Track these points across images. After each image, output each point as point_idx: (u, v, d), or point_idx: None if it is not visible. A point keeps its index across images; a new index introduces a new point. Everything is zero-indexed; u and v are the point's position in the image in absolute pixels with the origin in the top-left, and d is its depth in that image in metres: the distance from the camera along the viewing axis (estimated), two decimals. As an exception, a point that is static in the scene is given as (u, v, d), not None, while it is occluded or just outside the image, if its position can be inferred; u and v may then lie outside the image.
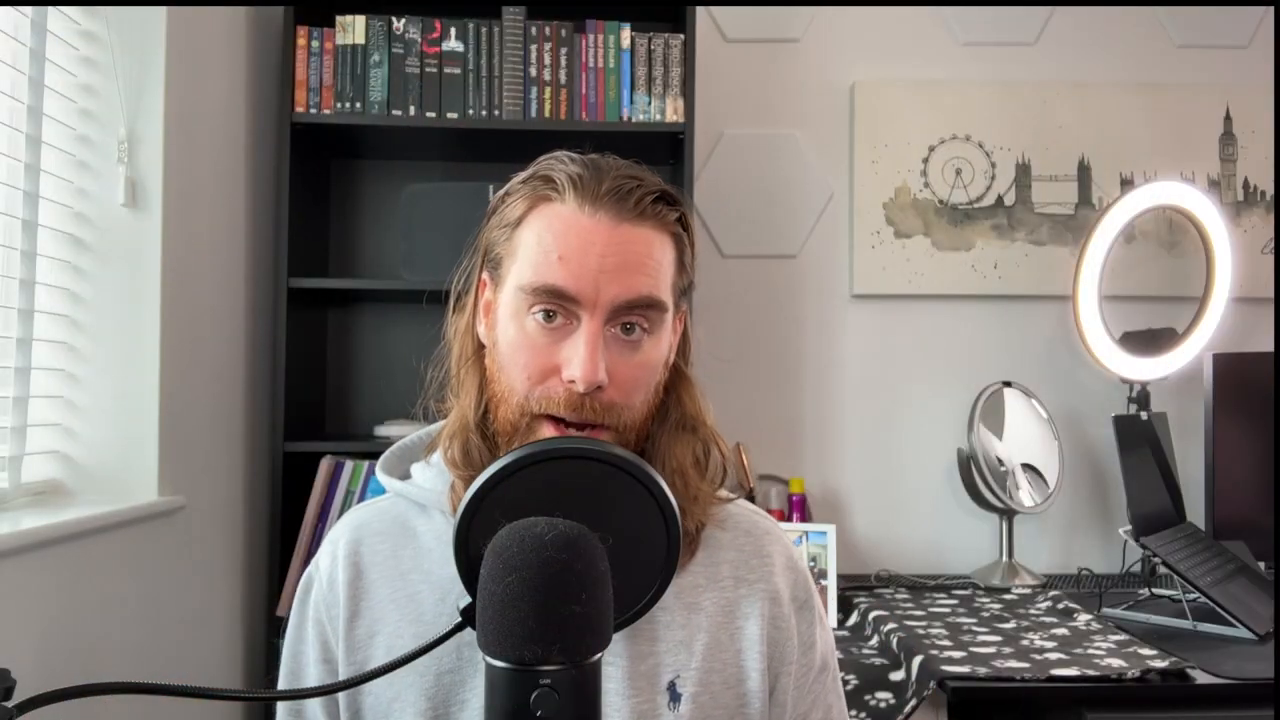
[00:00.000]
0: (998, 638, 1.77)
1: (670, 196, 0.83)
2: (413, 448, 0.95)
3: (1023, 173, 2.40)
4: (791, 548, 0.93)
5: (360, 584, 0.85)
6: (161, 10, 1.64)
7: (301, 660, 0.87)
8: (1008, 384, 2.30)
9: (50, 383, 1.58)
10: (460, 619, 0.63)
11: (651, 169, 0.86)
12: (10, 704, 0.55)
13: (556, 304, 0.78)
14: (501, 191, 0.86)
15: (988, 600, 2.07)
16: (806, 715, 0.90)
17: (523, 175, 0.85)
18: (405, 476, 0.91)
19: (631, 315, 0.79)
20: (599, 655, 0.57)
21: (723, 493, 0.92)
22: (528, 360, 0.79)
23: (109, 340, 1.61)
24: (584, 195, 0.80)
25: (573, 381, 0.77)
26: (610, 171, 0.81)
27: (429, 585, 0.84)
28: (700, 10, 2.35)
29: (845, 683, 1.49)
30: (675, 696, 0.81)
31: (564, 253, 0.78)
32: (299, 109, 2.03)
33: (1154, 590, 2.00)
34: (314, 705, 0.86)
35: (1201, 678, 1.55)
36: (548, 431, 0.79)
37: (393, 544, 0.87)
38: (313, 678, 0.86)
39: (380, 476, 0.92)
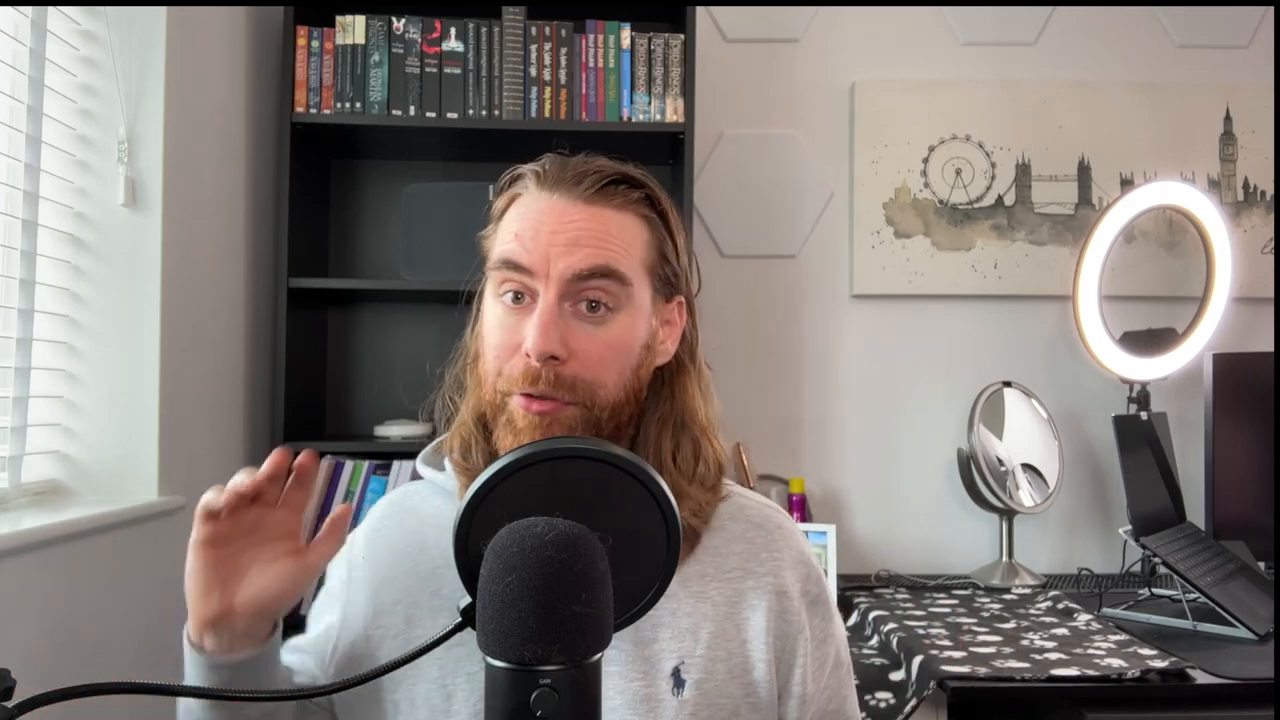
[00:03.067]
0: (998, 638, 1.77)
1: (632, 180, 0.86)
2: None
3: (1023, 173, 2.40)
4: (804, 543, 0.94)
5: (388, 555, 0.91)
6: (161, 10, 1.64)
7: (321, 608, 0.94)
8: (1008, 384, 2.30)
9: (50, 383, 1.58)
10: (460, 619, 0.63)
11: (651, 169, 0.88)
12: (10, 704, 0.55)
13: (515, 280, 0.82)
14: (492, 198, 0.91)
15: (988, 600, 2.07)
16: (822, 708, 0.91)
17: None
18: (440, 468, 0.95)
19: (588, 288, 0.81)
20: (599, 655, 0.57)
21: (727, 485, 0.92)
22: (497, 340, 0.84)
23: (109, 340, 1.62)
24: (544, 183, 0.85)
25: (529, 354, 0.80)
26: (577, 163, 0.86)
27: (449, 562, 0.86)
28: (700, 10, 2.35)
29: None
30: (679, 682, 0.82)
31: (520, 230, 0.83)
32: (299, 109, 2.03)
33: (1154, 590, 2.00)
34: (306, 658, 0.91)
35: (1201, 678, 1.55)
36: (516, 406, 0.82)
37: (419, 520, 0.92)
38: (323, 623, 0.92)
39: (419, 467, 0.96)
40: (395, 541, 0.91)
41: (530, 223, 0.83)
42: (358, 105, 2.04)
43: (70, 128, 1.59)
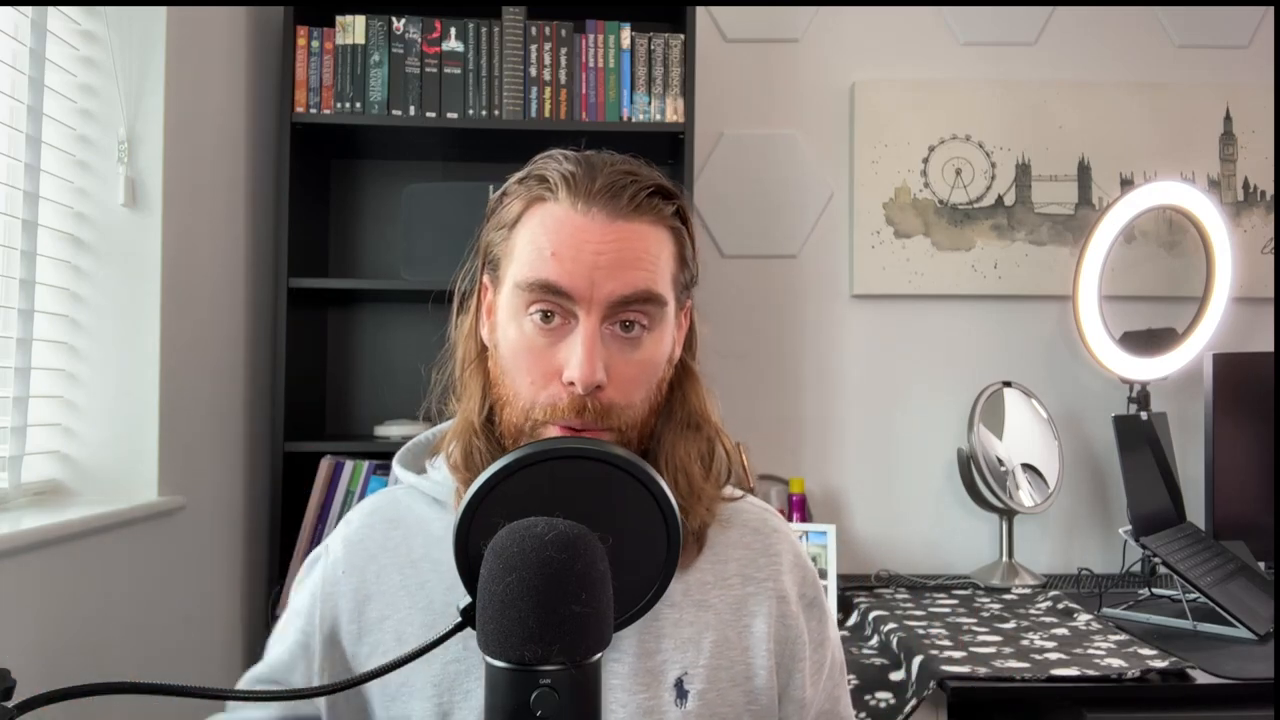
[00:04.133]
0: (998, 638, 1.77)
1: (666, 190, 0.83)
2: (428, 444, 0.96)
3: (1023, 173, 2.40)
4: (798, 546, 0.93)
5: (372, 568, 0.86)
6: (161, 10, 1.64)
7: (290, 628, 0.89)
8: (1008, 384, 2.30)
9: (50, 383, 1.58)
10: (460, 619, 0.63)
11: (651, 168, 0.85)
12: (10, 704, 0.55)
13: (552, 301, 0.78)
14: (499, 192, 0.86)
15: (988, 600, 2.07)
16: (820, 710, 0.91)
17: (519, 175, 0.85)
18: (421, 472, 0.93)
19: (629, 311, 0.79)
20: (599, 655, 0.57)
21: (730, 490, 0.92)
22: (529, 364, 0.79)
23: (109, 340, 1.61)
24: (577, 193, 0.79)
25: (572, 383, 0.77)
26: (604, 168, 0.81)
27: (438, 575, 0.85)
28: (700, 10, 2.35)
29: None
30: (682, 693, 0.81)
31: (557, 249, 0.78)
32: (299, 109, 2.03)
33: (1154, 590, 2.00)
34: (289, 676, 0.87)
35: (1201, 678, 1.55)
36: (553, 434, 0.79)
37: (405, 532, 0.88)
38: (289, 641, 0.87)
39: (397, 470, 0.93)
40: (379, 553, 0.87)
41: (567, 241, 0.78)
42: (358, 105, 2.04)
43: (70, 128, 1.59)
